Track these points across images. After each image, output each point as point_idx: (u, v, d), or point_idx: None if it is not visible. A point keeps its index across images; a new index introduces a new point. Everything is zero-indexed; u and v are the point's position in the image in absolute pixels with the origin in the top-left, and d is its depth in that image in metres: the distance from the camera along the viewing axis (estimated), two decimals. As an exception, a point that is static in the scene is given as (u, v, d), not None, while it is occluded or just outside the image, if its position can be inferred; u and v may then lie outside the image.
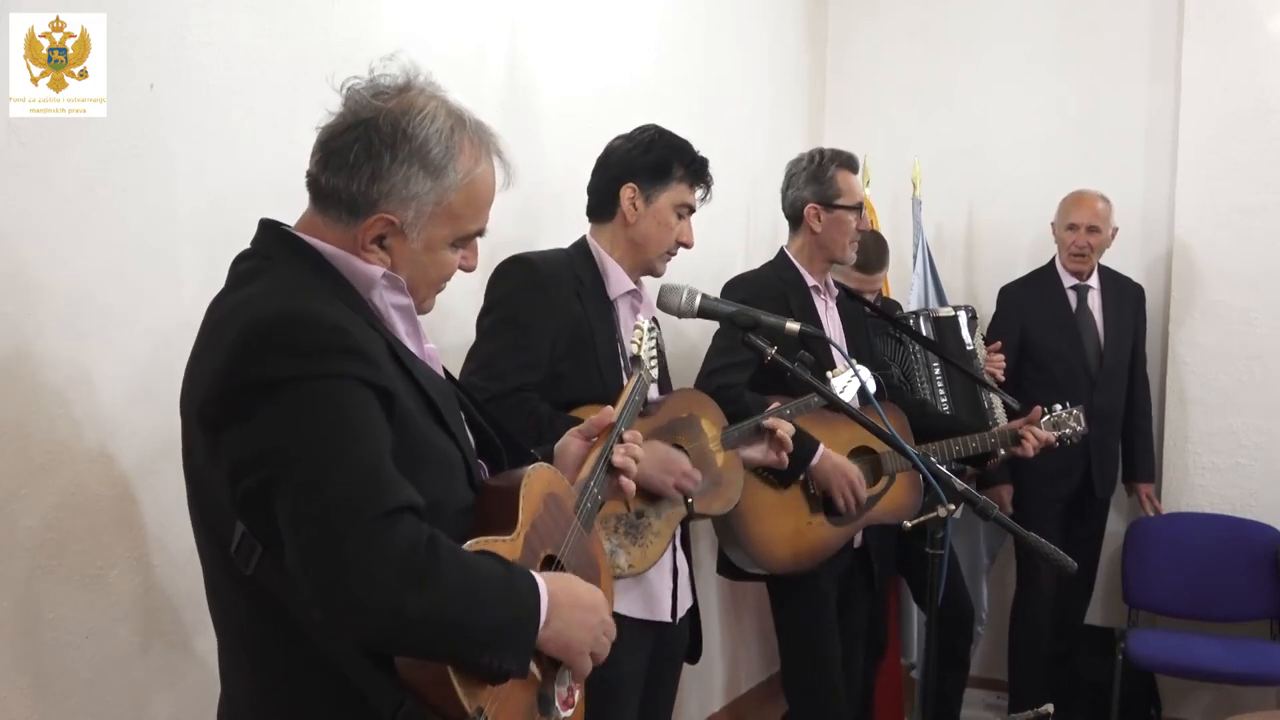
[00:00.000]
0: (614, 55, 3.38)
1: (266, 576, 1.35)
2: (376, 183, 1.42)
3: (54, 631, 1.86)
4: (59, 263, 1.85)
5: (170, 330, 2.03)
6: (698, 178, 2.52)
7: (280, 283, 1.40)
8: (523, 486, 1.51)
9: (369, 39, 2.42)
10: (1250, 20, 4.18)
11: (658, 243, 2.50)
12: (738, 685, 4.30)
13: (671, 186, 2.49)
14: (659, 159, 2.48)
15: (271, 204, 1.67)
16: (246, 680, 1.47)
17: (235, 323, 1.35)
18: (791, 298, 3.07)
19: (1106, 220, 4.11)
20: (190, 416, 1.41)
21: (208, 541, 1.45)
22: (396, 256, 1.47)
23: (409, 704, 1.33)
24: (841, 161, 3.15)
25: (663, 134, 2.53)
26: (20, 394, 1.79)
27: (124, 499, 1.96)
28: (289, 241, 1.47)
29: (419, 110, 1.44)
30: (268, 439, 1.29)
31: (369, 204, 1.43)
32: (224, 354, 1.34)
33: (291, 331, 1.32)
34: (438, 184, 1.44)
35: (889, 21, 4.84)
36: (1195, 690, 4.26)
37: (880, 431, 2.22)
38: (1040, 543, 2.06)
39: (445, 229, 1.48)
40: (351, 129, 1.43)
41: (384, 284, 1.47)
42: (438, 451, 1.46)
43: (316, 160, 1.47)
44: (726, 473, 2.60)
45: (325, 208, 1.46)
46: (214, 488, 1.38)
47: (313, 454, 1.28)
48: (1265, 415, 4.19)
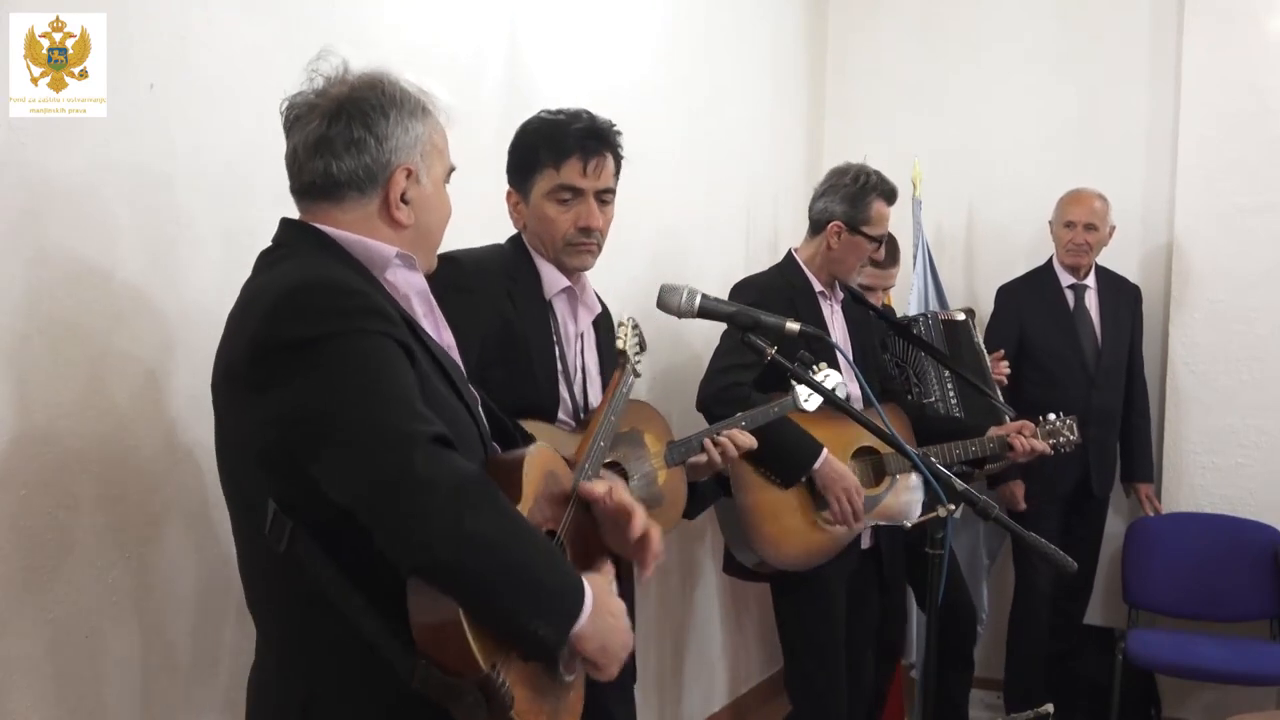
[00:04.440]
0: (614, 56, 3.38)
1: (297, 554, 1.43)
2: (383, 143, 1.55)
3: (54, 631, 1.86)
4: (59, 263, 1.84)
5: (171, 331, 2.03)
6: (563, 153, 2.24)
7: (306, 263, 1.51)
8: (525, 463, 1.56)
9: (369, 39, 2.42)
10: (1250, 20, 4.19)
11: (551, 238, 2.28)
12: (739, 685, 4.31)
13: (538, 177, 2.27)
14: (522, 155, 2.30)
15: (272, 204, 1.67)
16: (277, 649, 1.54)
17: (265, 296, 1.46)
18: (798, 301, 3.08)
19: (1104, 218, 4.11)
20: (223, 389, 1.50)
21: (242, 523, 1.54)
22: (419, 208, 1.60)
23: (423, 667, 1.39)
24: (883, 192, 3.14)
25: (527, 125, 2.33)
26: (20, 394, 1.79)
27: (124, 499, 1.96)
28: (307, 232, 1.57)
29: (377, 78, 1.58)
30: (309, 395, 1.38)
31: (383, 166, 1.56)
32: (257, 321, 1.44)
33: (319, 295, 1.43)
34: (426, 122, 1.59)
35: (889, 21, 4.84)
36: (1195, 690, 4.26)
37: (880, 431, 2.21)
38: (1040, 543, 2.06)
39: (439, 165, 1.63)
40: (336, 117, 1.54)
41: (399, 263, 1.58)
42: (454, 413, 1.54)
43: (320, 159, 1.55)
44: (668, 491, 2.48)
45: (342, 194, 1.56)
46: (248, 467, 1.46)
47: (358, 397, 1.37)
48: (1265, 415, 4.19)
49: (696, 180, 3.86)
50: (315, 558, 1.42)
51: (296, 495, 1.41)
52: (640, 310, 2.61)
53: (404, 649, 1.40)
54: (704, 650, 4.04)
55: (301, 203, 1.61)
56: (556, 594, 1.43)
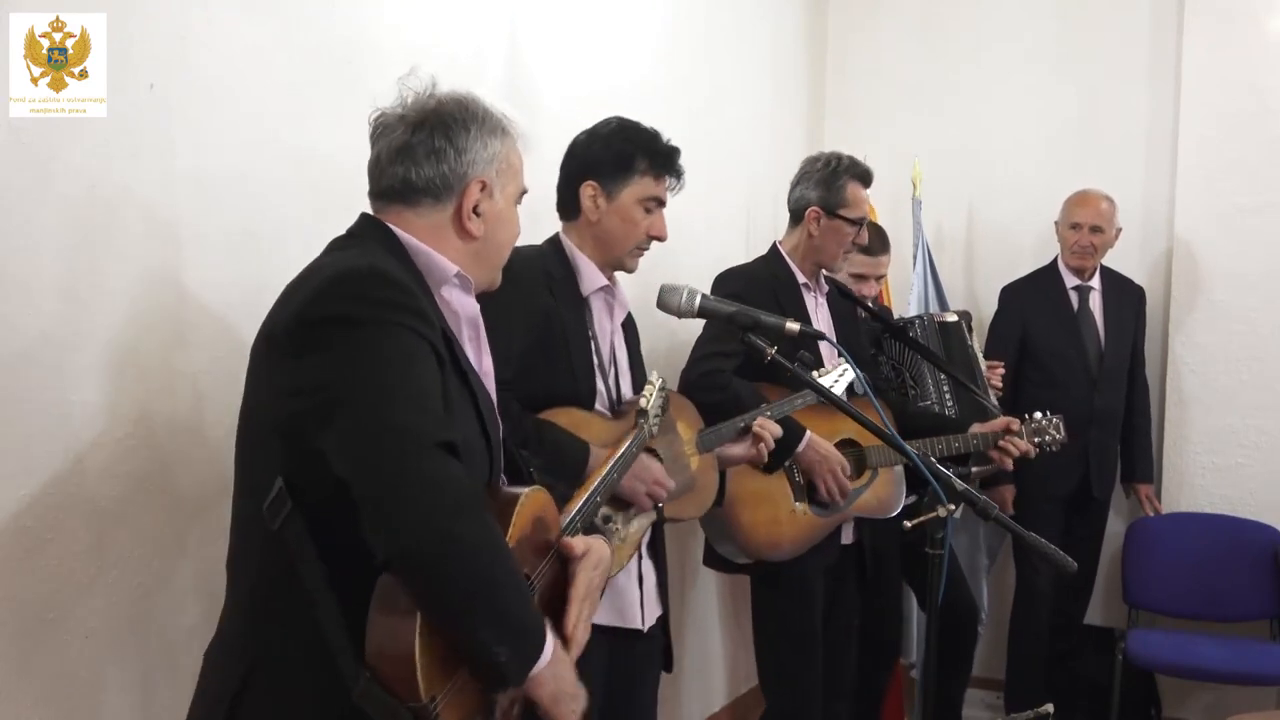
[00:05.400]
0: (614, 56, 3.38)
1: (288, 534, 1.45)
2: (462, 155, 1.63)
3: (54, 631, 1.86)
4: (58, 263, 1.84)
5: (171, 330, 2.03)
6: (664, 168, 2.42)
7: (366, 251, 1.58)
8: (518, 505, 1.58)
9: (369, 39, 2.42)
10: (1250, 20, 4.19)
11: (624, 239, 2.41)
12: (738, 685, 4.30)
13: (634, 180, 2.39)
14: (619, 153, 2.40)
15: (271, 203, 1.67)
16: (235, 620, 1.58)
17: (321, 274, 1.53)
18: (781, 292, 3.07)
19: (1110, 220, 4.11)
20: (261, 356, 1.54)
21: (244, 495, 1.57)
22: (489, 221, 1.67)
23: (367, 681, 1.40)
24: (855, 173, 3.14)
25: (624, 126, 2.45)
26: (21, 394, 1.79)
27: (124, 499, 1.96)
28: (381, 229, 1.64)
29: (463, 96, 1.67)
30: (336, 369, 1.43)
31: (460, 176, 1.64)
32: (311, 292, 1.49)
33: (373, 282, 1.48)
34: (504, 142, 1.68)
35: (889, 21, 4.84)
36: (1195, 690, 4.26)
37: (880, 431, 2.21)
38: (1040, 543, 2.06)
39: (513, 184, 1.71)
40: (420, 127, 1.62)
41: (456, 283, 1.65)
42: (471, 436, 1.56)
43: (400, 165, 1.63)
44: (701, 476, 2.55)
45: (418, 200, 1.64)
46: (265, 438, 1.49)
47: (379, 384, 1.41)
48: (1265, 415, 4.19)
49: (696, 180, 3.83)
50: (301, 545, 1.44)
51: (303, 472, 1.43)
52: (640, 309, 2.61)
53: (356, 658, 1.41)
54: (703, 650, 4.04)
55: (377, 205, 1.67)
56: (522, 629, 1.44)
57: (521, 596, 1.45)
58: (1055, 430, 3.28)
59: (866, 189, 3.16)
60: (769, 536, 2.97)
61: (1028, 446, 3.23)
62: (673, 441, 2.49)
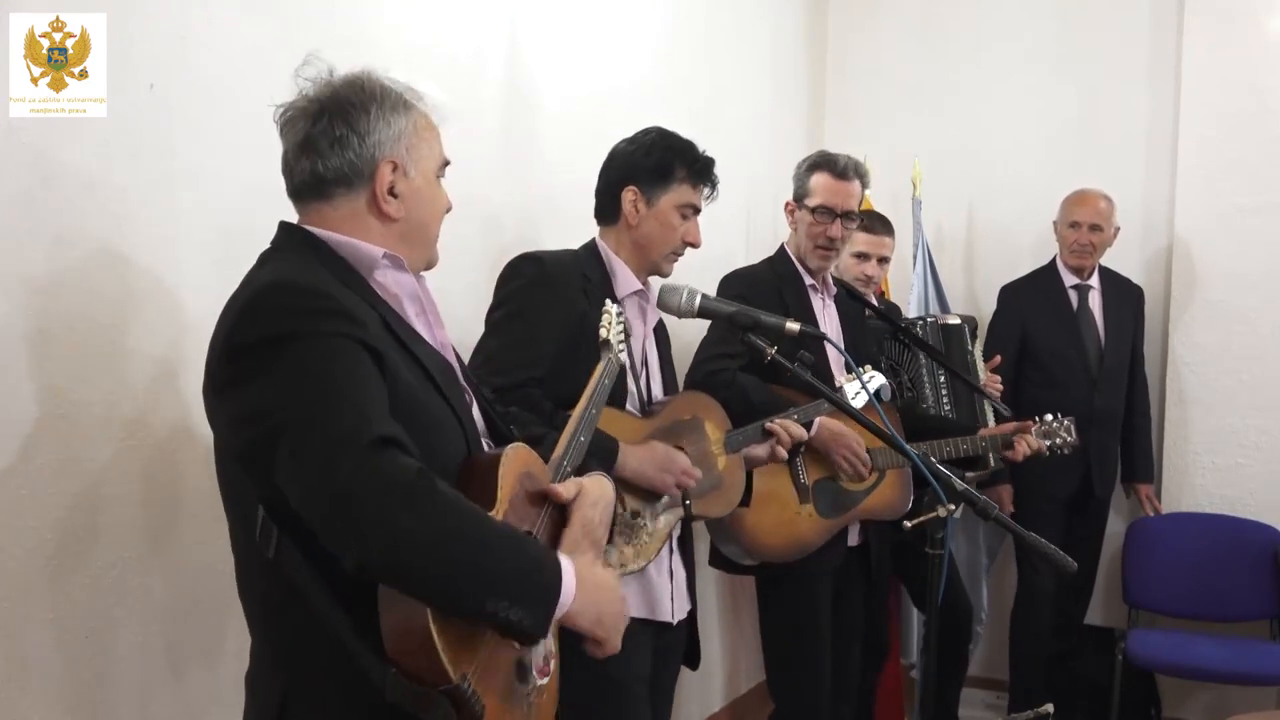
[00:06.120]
0: (614, 56, 3.38)
1: (284, 560, 1.45)
2: (366, 138, 1.58)
3: (54, 631, 1.86)
4: (58, 263, 1.84)
5: (171, 330, 2.03)
6: (701, 178, 2.52)
7: (282, 266, 1.54)
8: (501, 464, 1.56)
9: (369, 39, 2.42)
10: (1250, 20, 4.19)
11: (662, 244, 2.51)
12: (738, 685, 4.30)
13: (673, 188, 2.49)
14: (660, 161, 2.49)
15: (271, 203, 1.67)
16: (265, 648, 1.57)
17: (240, 298, 1.50)
18: (787, 293, 3.08)
19: (1109, 219, 4.11)
20: (207, 392, 1.53)
21: (236, 526, 1.56)
22: (408, 201, 1.62)
23: (394, 677, 1.40)
24: (817, 162, 3.14)
25: (665, 135, 2.54)
26: (21, 394, 1.79)
27: (124, 500, 1.96)
28: (297, 234, 1.61)
29: (357, 77, 1.61)
30: (268, 392, 1.41)
31: (368, 161, 1.59)
32: (228, 323, 1.48)
33: (283, 296, 1.46)
34: (408, 116, 1.62)
35: (889, 21, 4.84)
36: (1195, 690, 4.26)
37: (883, 434, 2.21)
38: (1040, 543, 2.06)
39: (429, 158, 1.65)
40: (319, 117, 1.58)
41: (386, 264, 1.61)
42: (432, 410, 1.55)
43: (306, 159, 1.59)
44: (727, 476, 2.61)
45: (331, 192, 1.59)
46: (235, 470, 1.49)
47: (307, 398, 1.39)
48: (1265, 415, 4.19)
49: (696, 180, 3.85)
50: (299, 565, 1.44)
51: (278, 497, 1.41)
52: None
53: (378, 660, 1.41)
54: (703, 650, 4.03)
55: (297, 205, 1.64)
56: (527, 582, 1.43)
57: (516, 550, 1.44)
58: (1066, 433, 3.27)
59: (841, 179, 3.11)
60: (774, 538, 2.97)
61: (1040, 445, 3.23)
62: (700, 441, 2.55)
